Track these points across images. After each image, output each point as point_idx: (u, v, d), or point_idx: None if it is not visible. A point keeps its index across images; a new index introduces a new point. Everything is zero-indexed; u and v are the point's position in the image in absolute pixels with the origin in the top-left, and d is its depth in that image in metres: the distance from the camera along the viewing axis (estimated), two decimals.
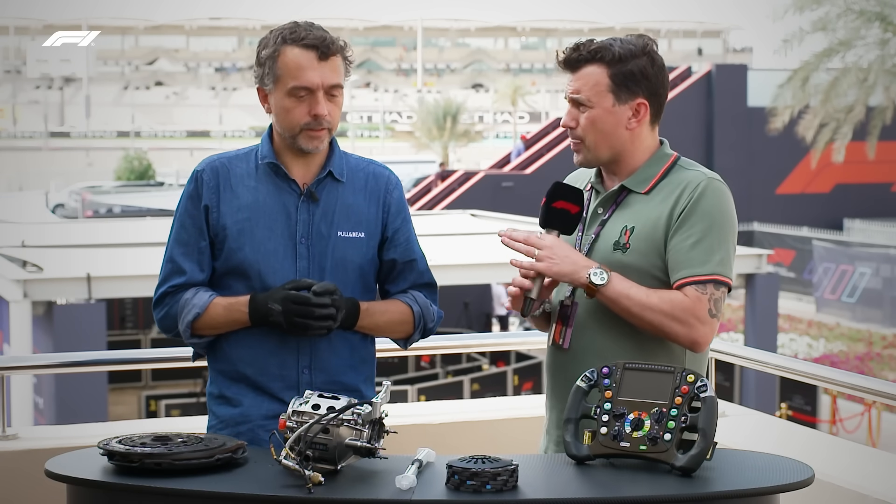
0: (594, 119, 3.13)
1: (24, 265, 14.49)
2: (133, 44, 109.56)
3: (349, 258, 3.24)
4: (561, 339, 3.18)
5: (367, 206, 3.28)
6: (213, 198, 3.22)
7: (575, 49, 3.15)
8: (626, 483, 2.68)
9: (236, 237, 3.20)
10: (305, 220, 3.22)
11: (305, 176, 3.25)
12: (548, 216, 3.14)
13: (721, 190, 3.10)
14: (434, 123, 57.44)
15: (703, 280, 3.02)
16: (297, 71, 3.15)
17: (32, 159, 73.14)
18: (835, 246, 29.46)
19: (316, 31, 3.19)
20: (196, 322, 3.19)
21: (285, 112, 3.18)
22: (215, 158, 3.30)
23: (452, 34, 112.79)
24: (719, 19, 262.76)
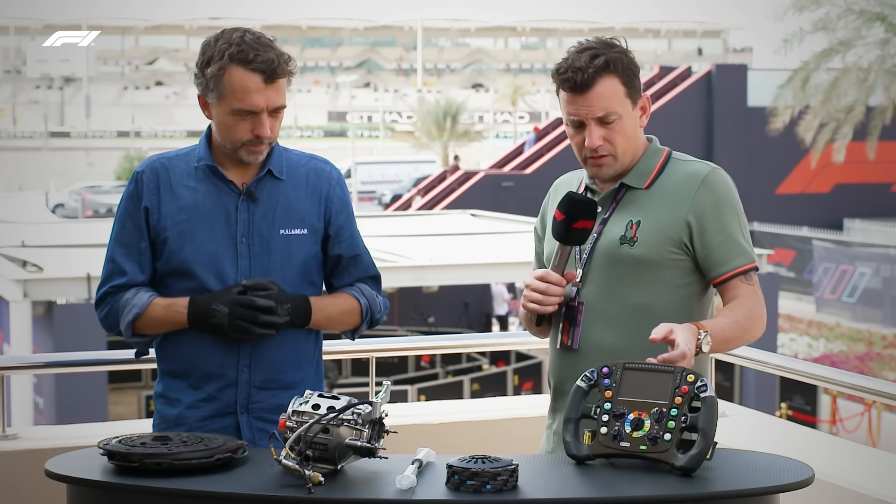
0: (624, 129, 3.14)
1: (24, 265, 14.51)
2: (133, 44, 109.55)
3: (293, 255, 3.25)
4: (570, 339, 3.17)
5: (308, 203, 3.28)
6: (154, 199, 3.22)
7: (581, 70, 3.09)
8: (626, 483, 2.68)
9: (176, 239, 3.20)
10: (245, 220, 3.22)
11: (244, 176, 3.25)
12: (567, 235, 3.13)
13: (727, 178, 3.18)
14: (434, 123, 57.47)
15: (747, 270, 3.12)
16: (243, 94, 3.13)
17: (32, 159, 73.16)
18: (835, 246, 29.46)
19: (263, 52, 3.14)
20: (136, 322, 3.21)
21: (227, 127, 3.18)
22: (155, 159, 3.29)
23: (452, 34, 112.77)
24: (719, 19, 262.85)
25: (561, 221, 3.12)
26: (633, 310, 3.11)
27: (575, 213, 3.11)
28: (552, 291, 3.14)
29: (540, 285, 3.15)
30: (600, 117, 3.11)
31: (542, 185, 3.36)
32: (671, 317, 3.06)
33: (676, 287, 3.13)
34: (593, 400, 2.83)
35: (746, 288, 3.11)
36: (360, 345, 3.84)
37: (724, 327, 3.04)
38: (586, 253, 3.17)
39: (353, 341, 3.52)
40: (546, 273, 3.16)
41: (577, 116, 3.13)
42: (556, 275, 3.15)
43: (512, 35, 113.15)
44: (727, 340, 3.06)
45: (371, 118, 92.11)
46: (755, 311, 3.10)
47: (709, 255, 3.11)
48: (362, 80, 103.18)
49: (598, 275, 3.15)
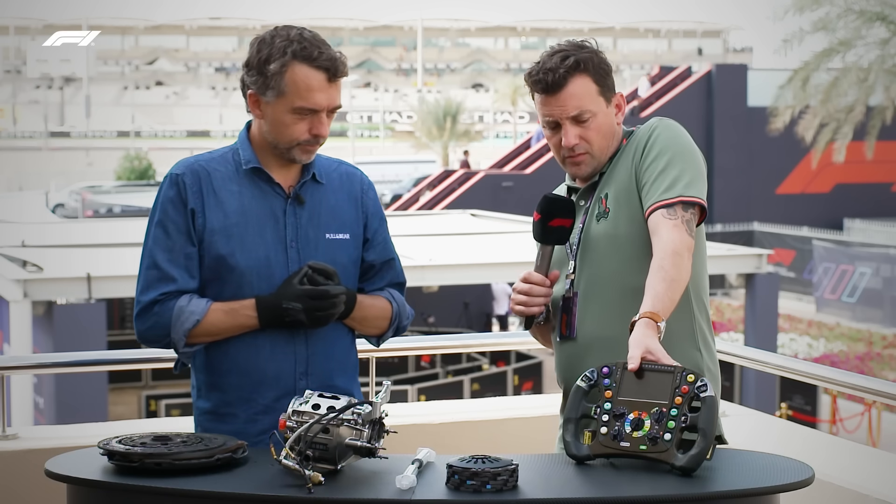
0: (599, 126, 3.16)
1: (24, 265, 14.51)
2: (133, 44, 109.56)
3: (338, 260, 3.19)
4: (567, 329, 3.18)
5: (348, 207, 3.25)
6: (198, 202, 3.12)
7: (552, 70, 3.13)
8: (627, 483, 2.68)
9: (225, 244, 3.11)
10: (293, 224, 3.16)
11: (287, 179, 3.19)
12: (545, 234, 3.16)
13: (674, 124, 3.17)
14: (434, 123, 57.45)
15: (670, 203, 3.02)
16: (307, 92, 3.07)
17: (32, 159, 73.17)
18: (835, 246, 29.47)
19: (325, 50, 3.10)
20: (194, 329, 3.09)
21: (284, 126, 3.11)
22: (192, 161, 3.19)
23: (452, 34, 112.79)
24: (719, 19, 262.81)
25: (538, 221, 3.16)
26: (625, 291, 3.09)
27: (550, 212, 3.14)
28: (535, 292, 3.16)
29: (524, 287, 3.18)
30: (574, 116, 3.14)
31: (542, 186, 3.37)
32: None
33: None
34: (594, 400, 2.83)
35: (666, 223, 3.00)
36: (360, 345, 3.83)
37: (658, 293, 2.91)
38: (575, 245, 3.19)
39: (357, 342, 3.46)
40: (529, 274, 3.18)
41: (552, 117, 3.17)
42: (538, 275, 3.17)
43: (512, 35, 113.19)
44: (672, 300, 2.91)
45: (371, 118, 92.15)
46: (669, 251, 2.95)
47: (643, 194, 3.09)
48: (362, 80, 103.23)
49: (587, 262, 3.16)
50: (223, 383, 3.14)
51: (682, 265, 2.95)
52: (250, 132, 3.22)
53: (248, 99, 3.16)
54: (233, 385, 3.13)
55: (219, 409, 3.15)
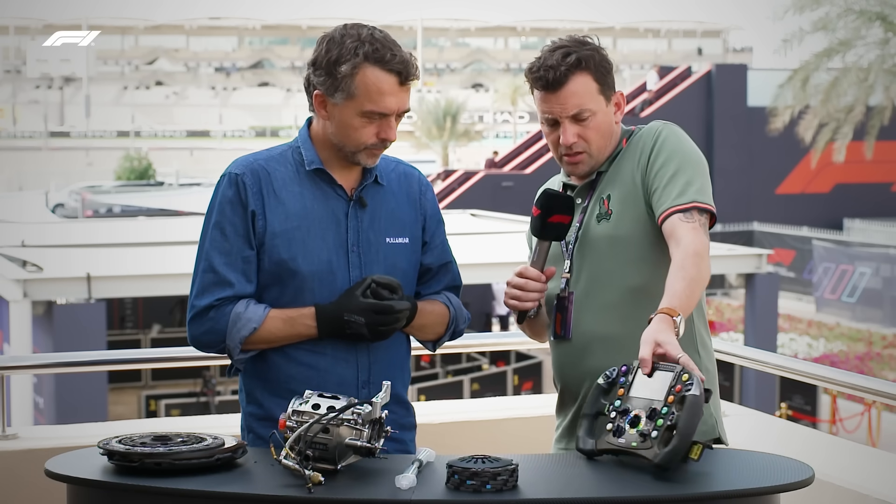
0: (598, 125, 3.15)
1: (24, 265, 14.50)
2: (133, 44, 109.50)
3: (398, 265, 3.13)
4: (562, 329, 3.16)
5: (407, 210, 3.18)
6: (259, 203, 3.03)
7: (552, 67, 3.11)
8: (626, 483, 2.68)
9: (287, 247, 3.02)
10: (355, 228, 3.08)
11: (349, 180, 3.11)
12: (543, 230, 3.15)
13: (679, 129, 3.15)
14: (434, 123, 57.45)
15: (687, 208, 3.00)
16: (378, 96, 2.99)
17: (32, 159, 73.16)
18: (835, 246, 29.47)
19: (398, 52, 3.01)
20: (250, 337, 3.02)
21: (352, 129, 3.02)
22: (251, 160, 3.09)
23: (452, 34, 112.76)
24: (719, 19, 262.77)
25: (537, 216, 3.14)
26: (623, 293, 3.09)
27: (550, 208, 3.13)
28: (530, 287, 3.13)
29: (518, 281, 3.15)
30: (574, 115, 3.12)
31: (541, 185, 3.35)
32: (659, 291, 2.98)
33: (659, 259, 3.05)
34: (613, 398, 2.83)
35: (684, 226, 2.98)
36: None
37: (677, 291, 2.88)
38: (572, 243, 3.17)
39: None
40: (524, 269, 3.15)
41: (551, 114, 3.15)
42: (534, 270, 3.14)
43: (512, 35, 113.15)
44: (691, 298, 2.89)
45: None
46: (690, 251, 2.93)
47: (653, 199, 3.06)
48: None
49: (584, 262, 3.15)
50: (281, 390, 3.05)
51: (701, 265, 2.93)
52: (311, 130, 3.13)
53: (315, 99, 3.06)
54: (292, 393, 2.97)
55: (274, 414, 3.04)
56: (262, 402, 3.10)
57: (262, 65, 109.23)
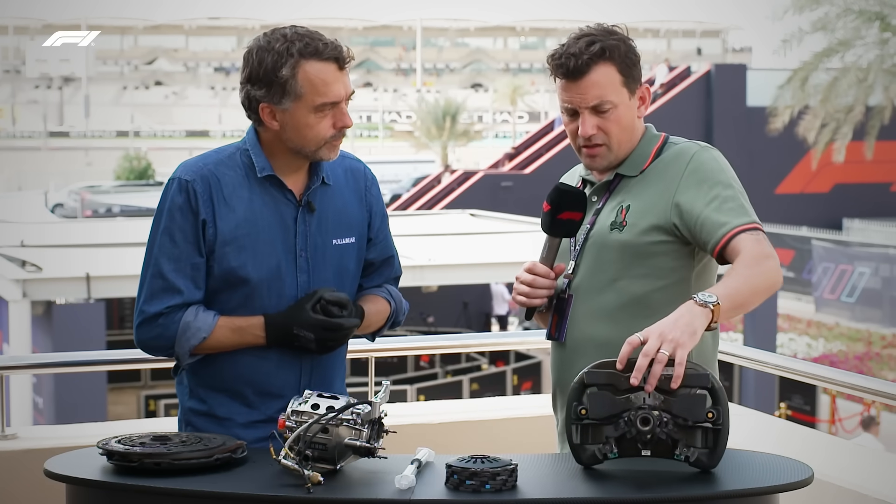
0: (619, 118, 3.06)
1: (24, 265, 14.50)
2: (132, 44, 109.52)
3: (345, 266, 3.15)
4: (557, 332, 3.13)
5: (353, 208, 3.18)
6: (209, 212, 3.01)
7: (576, 56, 3.02)
8: (626, 484, 2.68)
9: (237, 254, 3.02)
10: (304, 232, 3.08)
11: (298, 184, 3.11)
12: (553, 226, 3.08)
13: (717, 154, 3.07)
14: (433, 123, 57.40)
15: (749, 228, 2.92)
16: (324, 87, 2.98)
17: (31, 159, 73.15)
18: (834, 246, 29.47)
19: (327, 41, 3.01)
20: (200, 344, 3.02)
21: (308, 128, 3.01)
22: (201, 166, 3.06)
23: (452, 34, 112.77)
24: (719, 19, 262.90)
25: (547, 213, 3.07)
26: (624, 300, 3.04)
27: (559, 204, 3.06)
28: (539, 284, 3.08)
29: (527, 277, 3.10)
30: (594, 106, 3.04)
31: (541, 186, 3.35)
32: (665, 304, 2.96)
33: (668, 272, 3.03)
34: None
35: (749, 239, 2.88)
36: (360, 345, 3.82)
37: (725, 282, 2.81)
38: (579, 244, 3.12)
39: (352, 340, 3.45)
40: (533, 265, 3.11)
41: (571, 104, 3.07)
42: (543, 267, 3.09)
43: (511, 35, 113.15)
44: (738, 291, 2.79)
45: (370, 118, 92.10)
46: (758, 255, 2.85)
47: (701, 229, 2.95)
48: (361, 80, 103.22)
49: (588, 265, 3.09)
50: (225, 389, 3.09)
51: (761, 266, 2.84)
52: (260, 136, 3.10)
53: (261, 112, 3.03)
54: (236, 392, 3.08)
55: (216, 411, 3.09)
56: (205, 399, 3.11)
57: None
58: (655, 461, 2.73)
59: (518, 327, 26.10)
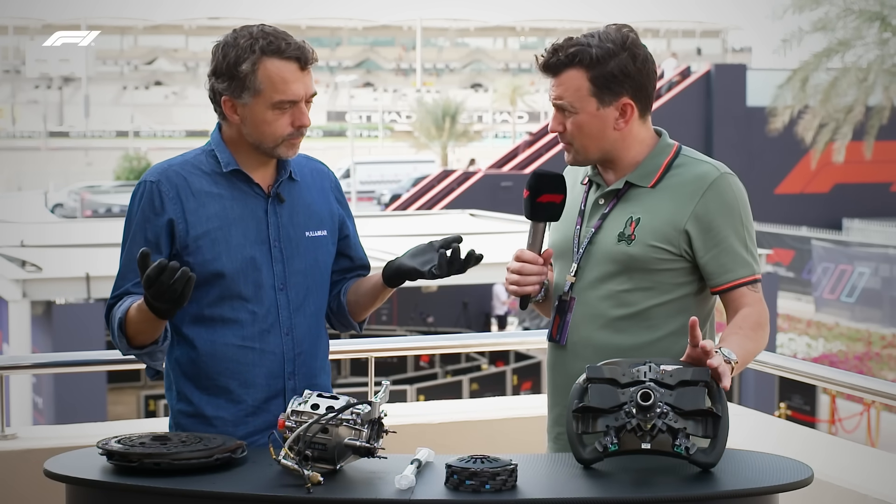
0: (580, 124, 3.07)
1: (23, 265, 14.49)
2: (132, 44, 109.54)
3: (319, 258, 3.22)
4: (558, 334, 3.13)
5: (322, 204, 3.26)
6: (178, 209, 3.08)
7: (553, 53, 3.07)
8: (625, 484, 2.68)
9: (210, 247, 3.08)
10: (276, 223, 3.15)
11: (265, 178, 3.18)
12: (534, 210, 3.11)
13: (737, 183, 3.09)
14: (433, 123, 57.46)
15: (753, 280, 3.05)
16: (283, 85, 3.05)
17: (31, 159, 73.13)
18: (834, 246, 29.45)
19: (291, 40, 3.08)
20: (126, 330, 3.02)
21: (266, 124, 3.08)
22: (166, 167, 3.14)
23: (451, 34, 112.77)
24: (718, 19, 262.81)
25: (526, 198, 3.10)
26: (627, 311, 3.05)
27: (538, 188, 3.09)
28: (527, 270, 3.10)
29: (516, 265, 3.12)
30: (558, 105, 3.08)
31: None
32: (667, 318, 3.04)
33: (673, 287, 3.06)
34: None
35: (752, 296, 3.05)
36: (359, 344, 3.84)
37: (740, 344, 2.95)
38: (583, 247, 3.11)
39: (352, 340, 3.50)
40: (521, 252, 3.12)
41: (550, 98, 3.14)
42: (530, 253, 3.11)
43: (511, 35, 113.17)
44: (748, 356, 2.99)
45: (370, 118, 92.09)
46: (761, 322, 3.02)
47: (709, 264, 3.03)
48: (361, 80, 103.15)
49: (592, 271, 3.09)
50: (209, 386, 3.12)
51: (763, 338, 3.03)
52: (223, 134, 3.18)
53: (224, 105, 3.11)
54: (220, 387, 3.11)
55: (204, 411, 3.11)
56: (192, 399, 3.13)
57: None
58: (655, 460, 2.74)
59: (518, 327, 26.11)
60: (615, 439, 2.72)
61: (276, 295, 3.14)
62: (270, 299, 3.13)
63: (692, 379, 2.74)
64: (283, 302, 3.14)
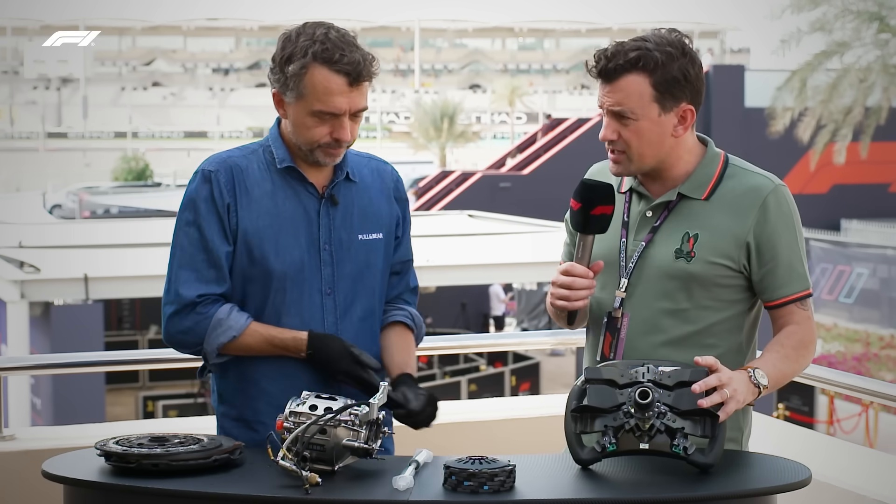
0: (640, 131, 2.94)
1: (22, 266, 14.50)
2: (130, 44, 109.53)
3: (371, 262, 3.12)
4: (612, 352, 3.02)
5: (380, 205, 3.16)
6: (232, 199, 3.02)
7: (611, 58, 2.93)
8: (624, 484, 2.68)
9: (259, 245, 3.01)
10: (327, 225, 3.06)
11: (320, 178, 3.09)
12: (588, 223, 2.97)
13: (789, 196, 3.02)
14: (431, 124, 57.51)
15: (802, 296, 3.01)
16: (326, 96, 2.95)
17: (30, 160, 73.18)
18: (832, 246, 29.49)
19: (349, 52, 2.97)
20: (229, 344, 3.00)
21: (304, 128, 3.00)
22: (225, 157, 3.08)
23: (450, 35, 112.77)
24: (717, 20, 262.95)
25: (578, 210, 2.95)
26: (688, 329, 2.98)
27: (591, 199, 2.95)
28: (578, 285, 2.95)
29: (565, 280, 2.96)
30: (616, 112, 2.94)
31: (538, 186, 3.32)
32: (726, 334, 2.99)
33: (730, 304, 3.00)
34: None
35: (801, 314, 3.00)
36: None
37: (776, 364, 2.92)
38: (633, 262, 3.02)
39: None
40: (571, 266, 2.96)
41: (600, 104, 2.98)
42: (580, 267, 2.96)
43: (509, 36, 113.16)
44: (784, 377, 2.96)
45: (368, 119, 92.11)
46: (806, 341, 2.99)
47: (764, 278, 2.98)
48: None
49: (646, 286, 3.00)
50: (255, 391, 3.06)
51: (808, 358, 3.02)
52: (280, 129, 3.11)
53: (274, 98, 3.07)
54: (262, 391, 3.04)
55: (246, 416, 3.07)
56: (234, 402, 3.09)
57: (260, 65, 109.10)
58: (653, 461, 2.74)
59: (516, 328, 26.12)
60: (613, 439, 2.72)
61: (323, 299, 3.06)
62: (316, 304, 3.05)
63: (690, 380, 2.74)
64: (330, 306, 3.06)
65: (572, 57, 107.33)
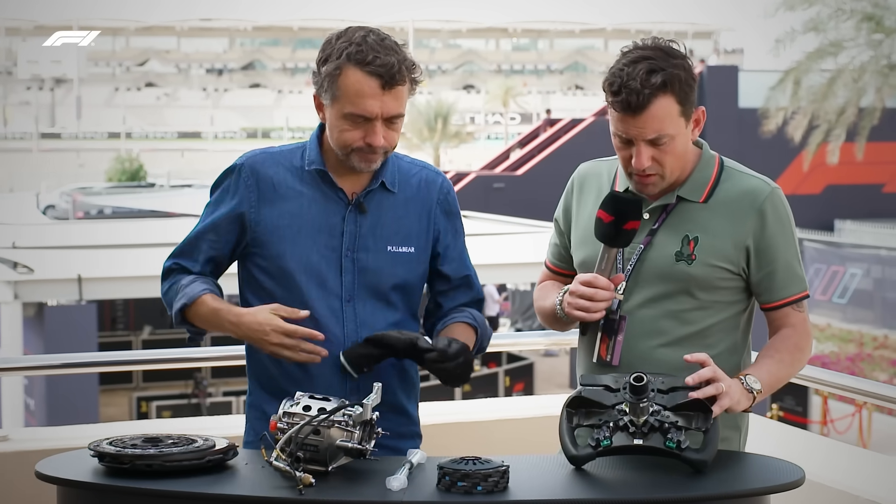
0: (675, 149, 2.95)
1: (15, 266, 14.49)
2: (124, 45, 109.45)
3: (398, 274, 3.07)
4: (608, 354, 3.02)
5: (417, 218, 3.10)
6: (252, 198, 3.04)
7: (637, 91, 2.87)
8: (619, 485, 2.68)
9: (276, 244, 3.03)
10: (352, 232, 3.03)
11: (355, 184, 3.05)
12: (617, 237, 2.95)
13: (784, 199, 3.04)
14: (425, 124, 57.42)
15: (799, 298, 3.04)
16: (358, 98, 2.92)
17: (23, 160, 73.05)
18: (826, 247, 29.51)
19: (384, 55, 2.93)
20: (185, 312, 3.02)
21: (339, 132, 2.97)
22: (259, 153, 3.12)
23: (444, 35, 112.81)
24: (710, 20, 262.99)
25: (609, 223, 2.94)
26: (687, 331, 2.99)
27: (624, 213, 2.94)
28: (600, 297, 2.96)
29: (586, 291, 2.97)
30: (651, 139, 2.91)
31: (533, 187, 3.31)
32: (723, 334, 3.02)
33: (728, 305, 3.02)
34: None
35: (797, 316, 3.04)
36: None
37: (770, 369, 2.95)
38: (631, 264, 3.02)
39: None
40: (594, 278, 2.96)
41: (627, 135, 2.93)
42: (604, 279, 2.96)
43: (503, 36, 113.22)
44: (779, 381, 3.00)
45: None
46: (801, 345, 3.03)
47: (762, 280, 3.00)
48: None
49: (645, 289, 3.01)
50: (271, 387, 3.08)
51: (800, 361, 3.05)
52: (322, 131, 3.10)
53: (314, 101, 3.05)
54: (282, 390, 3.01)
55: (266, 410, 3.07)
56: (256, 395, 3.13)
57: (254, 66, 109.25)
58: (647, 461, 2.74)
59: (510, 329, 26.11)
60: (607, 433, 2.73)
61: (343, 306, 3.04)
62: (336, 309, 3.03)
63: (684, 385, 2.77)
64: (350, 314, 3.04)
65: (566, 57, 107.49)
